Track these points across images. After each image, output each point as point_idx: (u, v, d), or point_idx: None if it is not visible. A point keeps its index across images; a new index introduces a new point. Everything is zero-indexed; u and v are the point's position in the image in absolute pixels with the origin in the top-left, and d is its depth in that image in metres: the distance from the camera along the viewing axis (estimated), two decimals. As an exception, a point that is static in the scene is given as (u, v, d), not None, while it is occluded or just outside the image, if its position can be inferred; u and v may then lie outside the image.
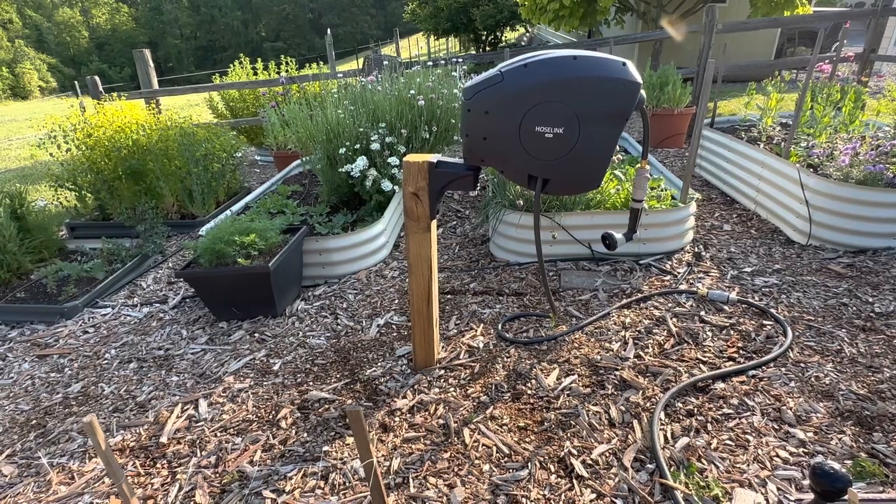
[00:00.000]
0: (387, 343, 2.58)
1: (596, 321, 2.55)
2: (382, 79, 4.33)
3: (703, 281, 2.85)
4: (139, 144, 4.59)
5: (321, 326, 2.80)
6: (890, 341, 2.23)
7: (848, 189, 2.98)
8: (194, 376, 2.50)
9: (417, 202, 2.00)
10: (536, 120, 1.73)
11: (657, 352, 2.29)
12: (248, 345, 2.70)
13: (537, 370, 2.24)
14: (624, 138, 5.00)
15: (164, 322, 3.08)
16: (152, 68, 6.77)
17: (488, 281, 3.08)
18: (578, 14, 9.00)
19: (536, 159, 1.79)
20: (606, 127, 1.74)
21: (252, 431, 2.08)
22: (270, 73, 7.41)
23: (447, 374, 2.28)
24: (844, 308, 2.50)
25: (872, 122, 3.75)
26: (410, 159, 1.95)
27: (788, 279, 2.80)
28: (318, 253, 3.24)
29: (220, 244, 2.77)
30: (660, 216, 3.07)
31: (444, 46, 29.17)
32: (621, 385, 2.11)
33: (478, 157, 1.87)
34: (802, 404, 1.92)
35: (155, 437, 2.11)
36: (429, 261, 2.10)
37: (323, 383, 2.33)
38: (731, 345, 2.29)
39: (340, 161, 3.78)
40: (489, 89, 1.74)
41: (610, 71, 1.67)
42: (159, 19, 52.63)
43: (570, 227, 3.07)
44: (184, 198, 4.77)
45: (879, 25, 5.79)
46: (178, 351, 2.74)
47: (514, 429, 1.95)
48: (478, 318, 2.71)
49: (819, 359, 2.16)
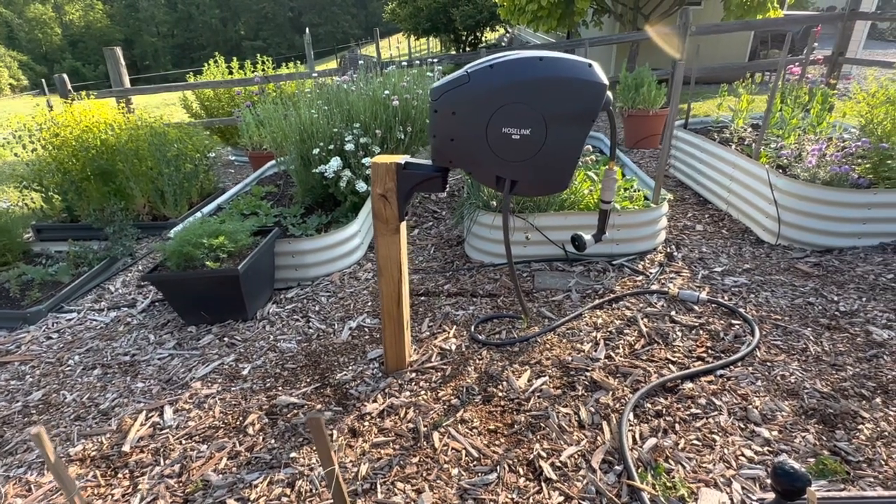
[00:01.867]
0: (359, 346, 2.55)
1: (568, 322, 2.56)
2: (358, 79, 4.29)
3: (674, 281, 2.87)
4: (108, 144, 4.48)
5: (292, 330, 2.76)
6: (853, 339, 2.27)
7: (815, 189, 3.04)
8: (160, 382, 2.44)
9: (386, 204, 1.97)
10: (503, 121, 1.72)
11: (628, 352, 2.30)
12: (217, 349, 2.65)
13: (509, 372, 2.24)
14: (600, 139, 5.03)
15: (131, 327, 3.01)
16: (124, 66, 6.62)
17: (462, 282, 3.07)
18: (556, 15, 9.04)
19: (504, 161, 1.78)
20: (573, 128, 1.74)
21: (218, 438, 2.04)
22: (246, 72, 7.31)
23: (418, 377, 2.26)
24: (810, 307, 2.54)
25: (839, 123, 3.83)
26: (378, 160, 1.93)
27: (757, 279, 2.84)
28: (290, 255, 3.19)
29: (187, 247, 2.71)
30: (632, 217, 3.09)
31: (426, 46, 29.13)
32: (592, 386, 2.11)
33: (446, 158, 1.86)
34: (768, 403, 1.94)
35: (117, 445, 2.05)
36: (398, 263, 2.08)
37: (293, 388, 2.29)
38: (700, 344, 2.31)
39: (314, 162, 3.74)
40: (456, 90, 1.72)
41: (576, 72, 1.67)
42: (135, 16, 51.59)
43: (543, 228, 3.07)
44: (155, 199, 4.67)
45: (847, 29, 5.92)
46: (145, 356, 2.67)
47: (484, 432, 1.94)
48: (451, 319, 2.69)
49: (785, 358, 2.19)
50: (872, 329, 2.32)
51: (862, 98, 3.34)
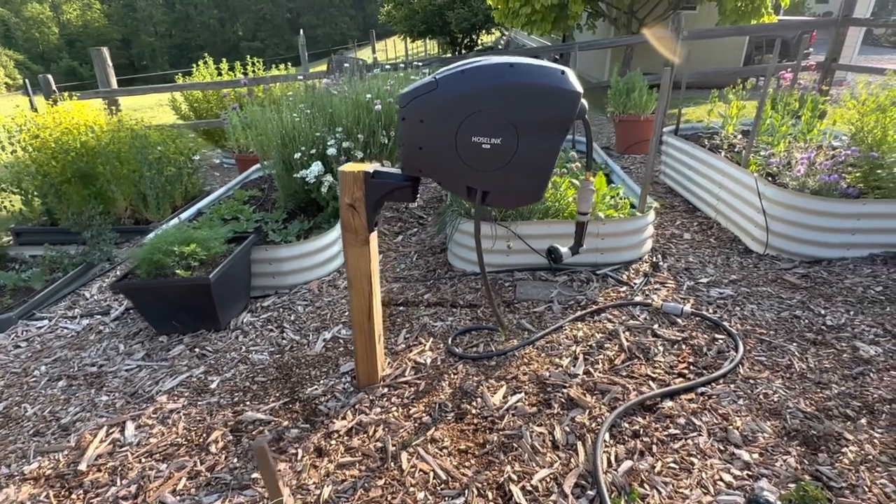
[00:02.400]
0: (332, 359, 2.47)
1: (548, 335, 2.48)
2: (344, 81, 4.22)
3: (658, 292, 2.80)
4: (88, 147, 4.40)
5: (266, 341, 2.68)
6: (840, 356, 2.20)
7: (803, 199, 2.97)
8: (125, 395, 2.36)
9: (354, 213, 1.90)
10: (473, 129, 1.65)
11: (607, 368, 2.22)
12: (187, 361, 2.57)
13: (484, 388, 2.16)
14: (589, 144, 4.95)
15: (102, 335, 2.92)
16: (111, 67, 6.54)
17: (443, 292, 2.99)
18: (550, 19, 8.99)
19: (474, 170, 1.71)
20: (546, 137, 1.67)
21: (179, 457, 1.96)
22: (236, 74, 7.23)
23: (390, 393, 2.18)
24: (797, 321, 2.47)
25: (830, 130, 3.77)
26: (346, 169, 1.85)
27: (744, 290, 2.77)
28: (267, 262, 3.11)
29: (157, 254, 2.63)
30: (617, 225, 3.02)
31: (423, 49, 29.08)
32: (568, 404, 2.03)
33: (415, 167, 1.79)
34: (749, 423, 1.87)
35: (74, 463, 1.97)
36: (368, 275, 2.00)
37: (261, 403, 2.21)
38: (682, 360, 2.24)
39: (296, 166, 3.67)
40: (424, 96, 1.65)
41: (547, 79, 1.60)
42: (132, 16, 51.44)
43: (526, 237, 3.00)
44: (138, 202, 4.59)
45: (840, 35, 5.88)
46: (112, 367, 2.59)
47: (455, 452, 1.86)
48: (428, 331, 2.61)
49: (769, 374, 2.12)
50: (859, 345, 2.25)
51: (852, 105, 3.28)
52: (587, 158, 1.89)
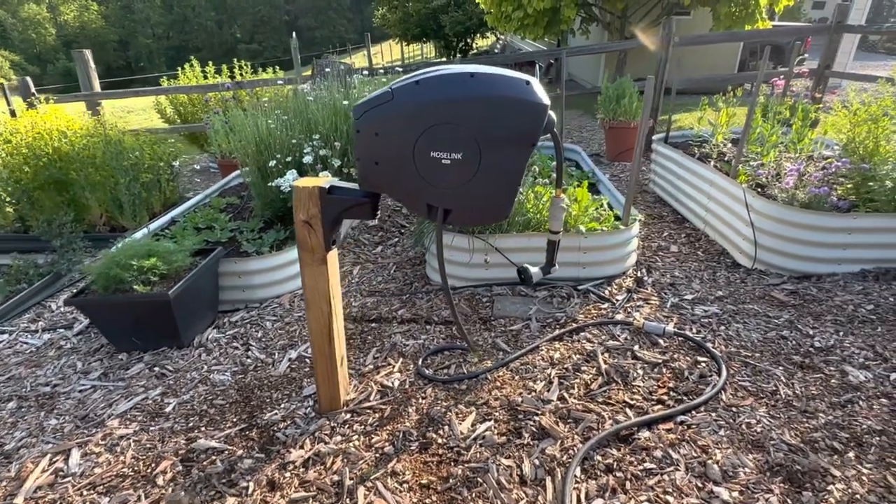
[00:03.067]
0: (296, 380, 2.35)
1: (523, 356, 2.37)
2: (323, 87, 4.11)
3: (641, 310, 2.69)
4: (61, 152, 4.28)
5: (229, 359, 2.55)
6: (828, 381, 2.09)
7: (792, 212, 2.87)
8: (76, 419, 2.23)
9: (310, 231, 1.78)
10: (432, 144, 1.53)
11: (583, 393, 2.11)
12: (145, 381, 2.44)
13: (452, 414, 2.04)
14: (576, 151, 4.85)
15: (62, 351, 2.80)
16: (93, 69, 6.41)
17: (418, 307, 2.87)
18: (542, 23, 8.90)
19: (434, 187, 1.59)
20: (511, 152, 1.56)
21: (123, 489, 1.83)
22: (222, 77, 7.11)
23: (353, 420, 2.06)
24: (784, 342, 2.36)
25: (822, 139, 3.67)
26: (300, 184, 1.74)
27: (730, 308, 2.66)
28: (237, 275, 2.99)
29: (115, 269, 2.50)
30: (600, 239, 2.91)
31: (419, 52, 29.00)
32: (539, 433, 1.91)
33: (372, 183, 1.67)
34: (730, 457, 1.75)
35: (11, 496, 1.84)
36: (327, 296, 1.88)
37: (216, 429, 2.09)
38: (662, 385, 2.12)
39: (272, 174, 3.55)
40: (379, 108, 1.54)
41: (510, 90, 1.48)
42: (130, 18, 51.32)
43: (505, 250, 2.89)
44: (113, 209, 4.46)
45: (834, 41, 5.79)
46: (67, 388, 2.46)
47: (416, 487, 1.74)
48: (399, 351, 2.49)
49: (753, 401, 2.00)
50: (848, 369, 2.14)
51: (843, 115, 3.17)
52: (557, 174, 1.78)
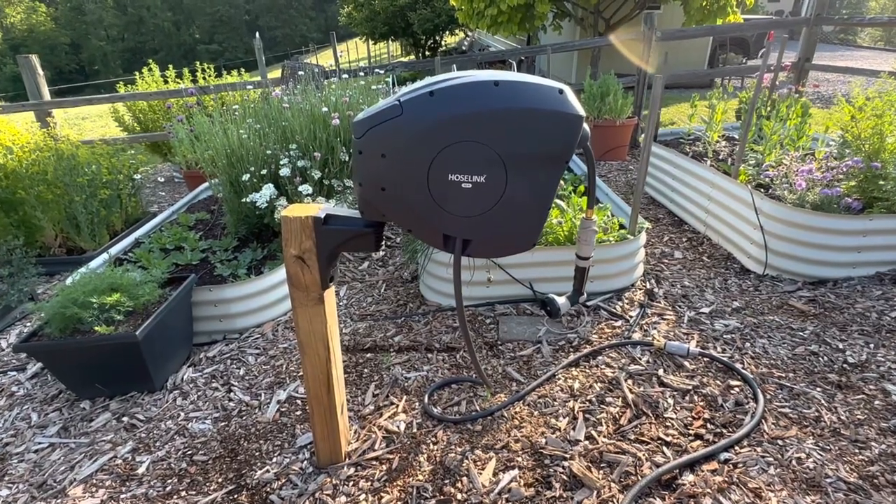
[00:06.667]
0: (287, 426, 2.09)
1: (539, 386, 2.15)
2: (298, 91, 3.81)
3: (658, 326, 2.51)
4: (7, 169, 3.88)
5: (209, 403, 2.27)
6: (871, 402, 1.94)
7: (804, 215, 2.73)
8: (31, 487, 1.92)
9: (304, 268, 1.53)
10: (449, 165, 1.29)
11: (612, 430, 1.91)
12: (113, 434, 2.14)
13: (469, 462, 1.81)
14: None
15: (14, 399, 2.46)
16: (41, 76, 5.93)
17: (416, 332, 2.63)
18: (516, 20, 8.72)
19: (452, 216, 1.36)
20: (542, 173, 1.33)
21: (90, 580, 1.55)
22: (184, 81, 6.70)
23: (357, 475, 1.81)
24: (815, 358, 2.21)
25: (821, 136, 3.57)
26: (290, 213, 1.48)
27: (750, 320, 2.50)
28: (213, 304, 2.70)
29: (72, 308, 2.19)
30: (608, 251, 2.72)
31: (386, 51, 28.57)
32: (571, 482, 1.70)
33: (376, 211, 1.43)
34: (787, 501, 1.58)
35: None
36: (325, 339, 1.63)
37: (199, 492, 1.81)
38: (696, 415, 1.94)
39: (245, 189, 3.25)
40: (385, 125, 1.29)
41: (543, 102, 1.26)
42: (81, 19, 49.22)
43: (508, 266, 2.67)
44: (69, 230, 4.08)
45: (813, 34, 5.76)
46: (20, 446, 2.14)
47: (439, 558, 1.51)
48: (401, 386, 2.25)
49: (797, 431, 1.83)
50: (889, 388, 2.00)
51: (848, 110, 3.06)
52: (589, 194, 1.57)
